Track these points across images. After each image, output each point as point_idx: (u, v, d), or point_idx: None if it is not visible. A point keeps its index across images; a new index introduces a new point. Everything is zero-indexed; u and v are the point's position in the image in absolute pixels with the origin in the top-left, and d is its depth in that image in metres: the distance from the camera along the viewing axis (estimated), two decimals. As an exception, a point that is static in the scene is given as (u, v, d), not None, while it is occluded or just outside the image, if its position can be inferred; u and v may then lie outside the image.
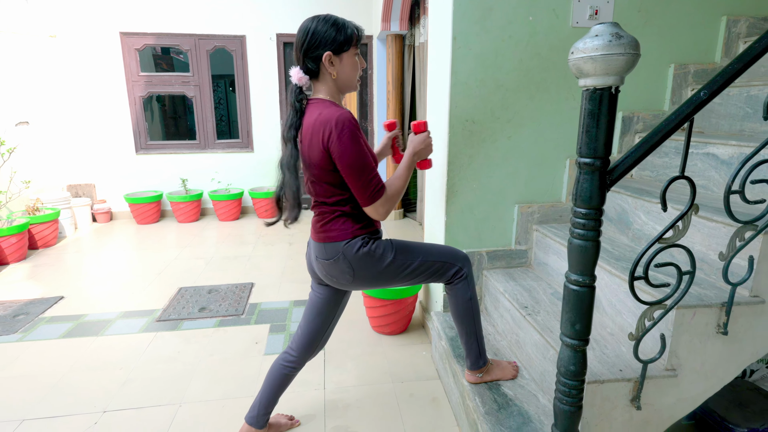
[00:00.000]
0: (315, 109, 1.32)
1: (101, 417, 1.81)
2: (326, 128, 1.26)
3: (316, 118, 1.29)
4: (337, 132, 1.25)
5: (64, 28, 4.50)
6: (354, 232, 1.38)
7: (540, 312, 1.68)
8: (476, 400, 1.53)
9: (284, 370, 1.61)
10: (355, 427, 1.75)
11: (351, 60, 1.37)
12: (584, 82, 0.97)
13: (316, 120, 1.29)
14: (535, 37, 1.90)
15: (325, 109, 1.30)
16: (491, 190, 2.04)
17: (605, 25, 0.92)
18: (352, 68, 1.38)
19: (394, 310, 2.34)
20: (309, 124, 1.31)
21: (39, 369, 2.13)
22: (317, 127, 1.28)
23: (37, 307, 2.78)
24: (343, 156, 1.26)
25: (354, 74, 1.40)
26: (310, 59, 1.33)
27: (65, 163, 4.76)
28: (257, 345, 2.35)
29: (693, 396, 1.34)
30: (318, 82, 1.37)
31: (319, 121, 1.28)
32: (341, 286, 1.48)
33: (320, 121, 1.28)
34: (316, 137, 1.28)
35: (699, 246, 1.44)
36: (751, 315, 1.29)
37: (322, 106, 1.32)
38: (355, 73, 1.40)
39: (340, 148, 1.25)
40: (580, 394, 1.14)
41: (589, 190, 1.01)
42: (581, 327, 1.08)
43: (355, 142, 1.27)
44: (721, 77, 0.99)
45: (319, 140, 1.28)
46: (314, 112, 1.32)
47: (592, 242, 1.03)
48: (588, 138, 0.99)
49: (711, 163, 1.68)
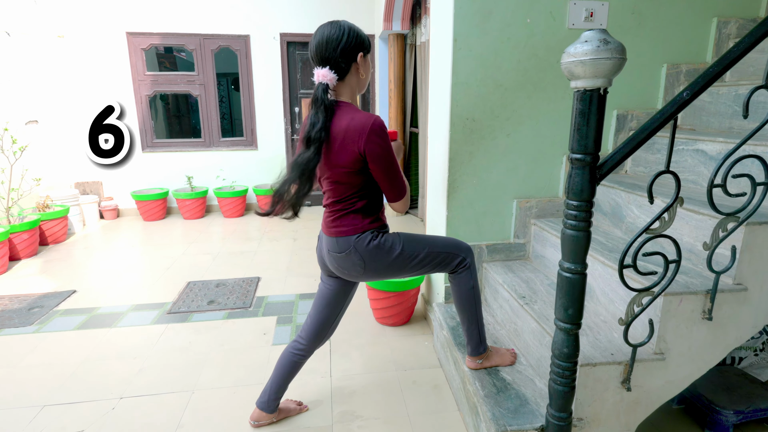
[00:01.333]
0: (345, 113, 1.35)
1: (119, 403, 1.90)
2: (362, 133, 1.31)
3: (349, 123, 1.33)
4: (374, 137, 1.32)
5: (71, 28, 4.58)
6: (364, 227, 1.46)
7: (537, 302, 1.76)
8: (476, 385, 1.61)
9: (294, 357, 1.69)
10: (361, 412, 1.83)
11: (369, 63, 1.47)
12: (575, 83, 1.05)
13: (349, 125, 1.33)
14: (532, 39, 1.98)
15: (356, 113, 1.35)
16: (491, 186, 2.12)
17: (594, 31, 1.00)
18: (369, 71, 1.48)
19: (397, 302, 2.42)
20: (341, 128, 1.34)
21: (56, 358, 2.22)
22: (352, 132, 1.32)
23: (50, 301, 2.87)
24: (382, 159, 1.35)
25: (369, 76, 1.50)
26: (345, 59, 1.37)
27: (73, 161, 4.84)
28: (265, 336, 2.43)
29: (680, 378, 1.42)
30: (341, 83, 1.41)
31: (353, 126, 1.32)
32: (352, 277, 1.56)
33: (354, 126, 1.32)
34: (350, 141, 1.33)
35: (687, 237, 1.52)
36: (734, 302, 1.37)
37: (352, 110, 1.36)
38: (369, 75, 1.50)
39: (378, 152, 1.33)
40: (573, 375, 1.22)
41: (580, 183, 1.09)
42: (573, 312, 1.17)
43: (390, 146, 1.37)
44: (703, 79, 1.07)
45: (354, 144, 1.32)
46: (345, 115, 1.35)
47: (584, 232, 1.11)
48: (579, 135, 1.07)
49: (700, 159, 1.76)
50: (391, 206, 1.49)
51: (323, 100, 1.33)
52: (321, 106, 1.33)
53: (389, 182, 1.41)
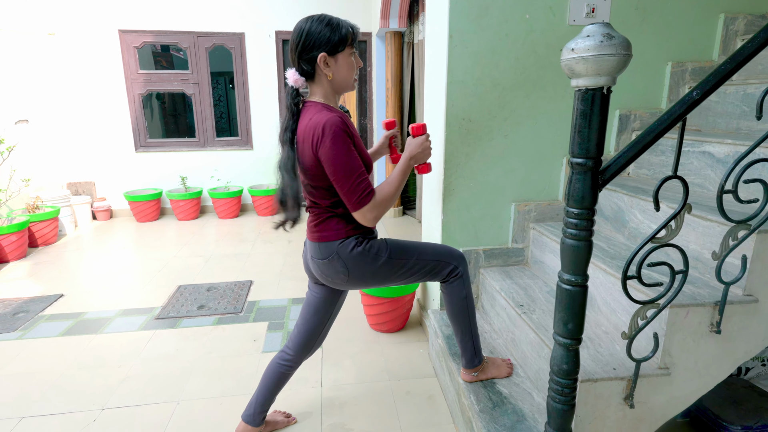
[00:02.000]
0: (307, 114, 1.32)
1: (100, 414, 1.82)
2: (315, 134, 1.26)
3: (306, 124, 1.30)
4: (323, 137, 1.25)
5: (62, 26, 4.50)
6: (347, 232, 1.39)
7: (535, 310, 1.68)
8: (471, 398, 1.54)
9: (281, 368, 1.62)
10: (352, 425, 1.76)
11: (347, 60, 1.35)
12: (576, 82, 0.97)
13: (306, 125, 1.29)
14: (531, 36, 1.90)
15: (316, 113, 1.30)
16: (488, 188, 2.05)
17: (597, 25, 0.92)
18: (348, 69, 1.36)
19: (391, 308, 2.35)
20: (301, 129, 1.31)
21: (38, 367, 2.15)
22: (307, 133, 1.29)
23: (36, 305, 2.79)
24: (329, 161, 1.26)
25: (350, 74, 1.38)
26: (305, 61, 1.32)
27: (65, 161, 4.77)
28: (255, 343, 2.36)
29: (686, 394, 1.35)
30: (314, 83, 1.37)
31: (309, 126, 1.28)
32: (336, 285, 1.48)
33: (310, 126, 1.28)
34: (306, 142, 1.29)
35: (693, 245, 1.45)
36: (744, 314, 1.29)
37: (314, 111, 1.31)
38: (351, 73, 1.38)
39: (325, 153, 1.26)
40: (573, 392, 1.15)
41: (581, 190, 1.01)
42: (574, 326, 1.09)
43: (340, 147, 1.25)
44: (714, 77, 0.99)
45: (309, 145, 1.28)
46: (306, 116, 1.32)
47: (585, 242, 1.03)
48: (580, 138, 0.99)
49: (707, 162, 1.68)
50: (353, 216, 1.34)
51: (288, 102, 1.35)
52: (288, 108, 1.35)
53: (341, 187, 1.29)
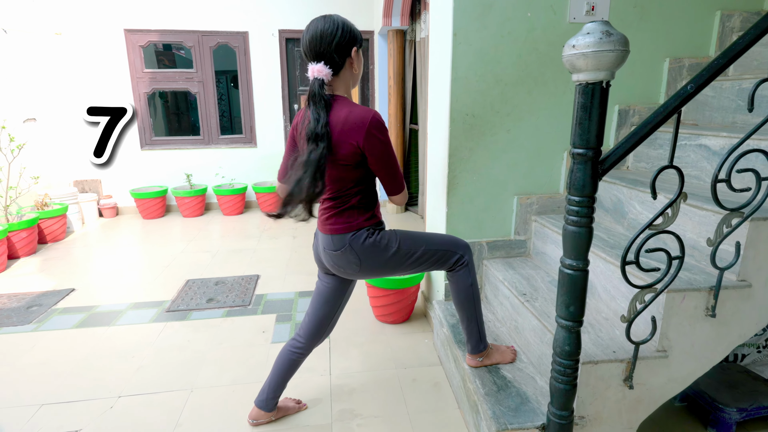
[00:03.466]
0: (342, 107, 1.34)
1: (117, 401, 1.89)
2: (361, 127, 1.30)
3: (347, 117, 1.31)
4: (373, 129, 1.31)
5: (69, 25, 4.55)
6: (360, 224, 1.44)
7: (538, 299, 1.74)
8: (476, 383, 1.60)
9: (292, 356, 1.68)
10: (360, 410, 1.82)
11: (362, 57, 1.46)
12: (577, 77, 1.03)
13: (347, 118, 1.31)
14: (533, 33, 1.95)
15: (354, 107, 1.33)
16: (491, 182, 2.10)
17: (596, 23, 0.97)
18: (362, 65, 1.47)
19: (397, 300, 2.41)
20: (338, 122, 1.32)
21: (55, 357, 2.21)
22: (350, 126, 1.31)
23: (49, 299, 2.85)
24: (380, 152, 1.34)
25: (362, 71, 1.49)
26: (339, 53, 1.35)
27: (72, 158, 4.82)
28: (264, 334, 2.42)
29: (683, 376, 1.41)
30: (336, 78, 1.38)
31: (351, 120, 1.31)
32: (348, 275, 1.54)
33: (353, 120, 1.30)
34: (348, 135, 1.31)
35: (690, 233, 1.50)
36: (738, 298, 1.35)
37: (349, 104, 1.35)
38: (362, 69, 1.49)
39: (378, 146, 1.33)
40: (575, 373, 1.21)
41: (582, 179, 1.07)
42: (575, 309, 1.15)
43: (388, 138, 1.36)
44: (708, 71, 1.05)
45: (353, 138, 1.31)
46: (342, 109, 1.33)
47: (585, 228, 1.09)
48: (581, 130, 1.05)
49: (703, 154, 1.74)
50: (390, 200, 1.48)
51: (321, 95, 1.31)
52: (320, 101, 1.31)
53: (390, 177, 1.41)
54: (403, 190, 1.46)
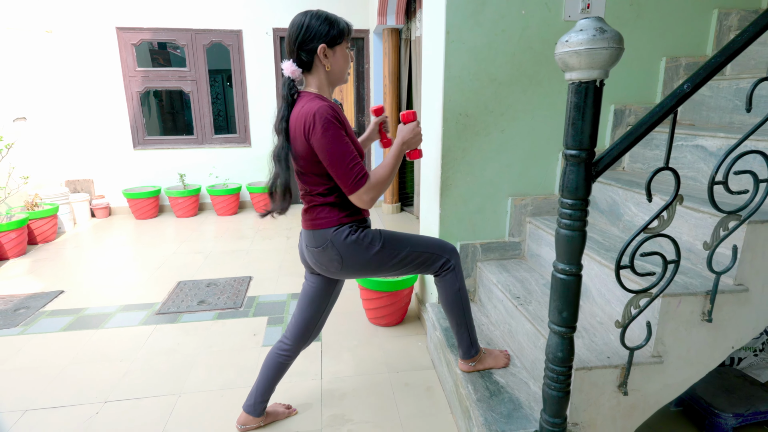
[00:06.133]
0: (300, 103, 1.37)
1: (102, 407, 1.84)
2: (306, 121, 1.31)
3: (299, 111, 1.34)
4: (315, 124, 1.29)
5: (60, 23, 4.49)
6: (340, 220, 1.42)
7: (532, 302, 1.71)
8: (469, 388, 1.56)
9: (279, 358, 1.64)
10: (351, 415, 1.78)
11: (343, 53, 1.42)
12: (570, 75, 0.99)
13: (298, 113, 1.34)
14: (527, 31, 1.92)
15: (308, 102, 1.34)
16: (485, 183, 2.07)
17: (590, 19, 0.94)
18: (344, 61, 1.43)
19: (390, 302, 2.37)
20: (294, 118, 1.36)
21: (41, 361, 2.17)
22: (299, 120, 1.33)
23: (37, 301, 2.81)
24: (322, 147, 1.31)
25: (345, 67, 1.45)
26: (304, 51, 1.36)
27: (63, 158, 4.77)
28: (255, 337, 2.38)
29: (679, 382, 1.38)
30: (310, 75, 1.41)
31: (301, 114, 1.33)
32: (331, 274, 1.51)
33: (302, 114, 1.32)
34: (298, 130, 1.33)
35: (686, 236, 1.47)
36: (735, 303, 1.32)
37: (307, 99, 1.36)
38: (346, 65, 1.45)
39: (317, 139, 1.30)
40: (568, 379, 1.17)
41: (575, 181, 1.04)
42: (568, 315, 1.11)
43: (332, 133, 1.29)
44: (704, 70, 1.01)
45: (301, 133, 1.32)
46: (298, 105, 1.36)
47: (579, 232, 1.06)
48: (574, 130, 1.01)
49: (700, 155, 1.71)
50: (350, 199, 1.38)
51: (284, 93, 1.38)
52: (283, 98, 1.38)
53: (336, 171, 1.33)
54: (359, 189, 1.33)
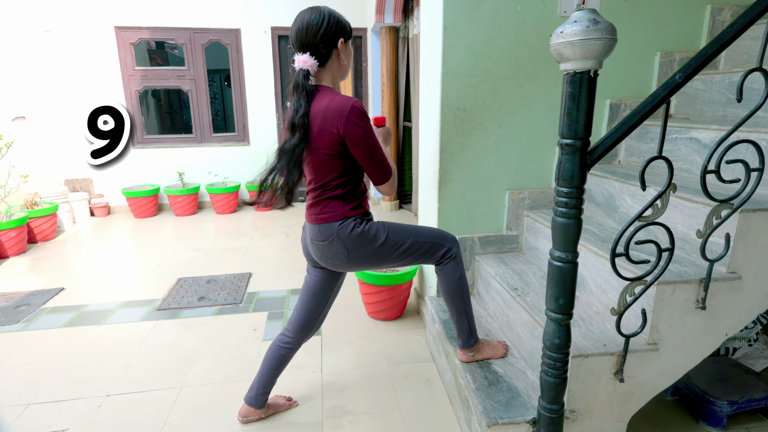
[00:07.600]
0: (324, 96, 1.35)
1: (105, 401, 1.86)
2: (341, 115, 1.30)
3: (327, 105, 1.32)
4: (353, 117, 1.30)
5: (58, 22, 4.49)
6: (345, 213, 1.44)
7: (529, 293, 1.73)
8: (468, 378, 1.59)
9: (281, 351, 1.66)
10: (352, 407, 1.80)
11: (351, 49, 1.46)
12: (565, 66, 1.02)
13: (327, 107, 1.32)
14: (523, 27, 1.94)
15: (335, 96, 1.34)
16: (483, 177, 2.09)
17: (583, 11, 0.96)
18: (351, 57, 1.47)
19: (389, 296, 2.39)
20: (319, 111, 1.33)
21: (43, 356, 2.18)
22: (330, 114, 1.31)
23: (38, 299, 2.82)
24: (361, 140, 1.33)
25: (351, 62, 1.49)
26: (325, 44, 1.36)
27: (62, 157, 4.77)
28: (256, 331, 2.40)
29: (674, 369, 1.40)
30: (323, 69, 1.40)
31: (331, 108, 1.31)
32: (336, 267, 1.53)
33: (333, 108, 1.31)
34: (329, 124, 1.32)
35: (680, 226, 1.50)
36: (728, 290, 1.35)
37: (331, 93, 1.35)
38: (351, 61, 1.48)
39: (358, 133, 1.32)
40: (565, 366, 1.20)
41: (570, 170, 1.07)
42: (564, 301, 1.14)
43: (370, 128, 1.36)
44: (696, 61, 1.04)
45: (334, 127, 1.31)
46: (323, 98, 1.34)
47: (574, 219, 1.08)
48: (569, 120, 1.04)
49: (694, 147, 1.73)
50: (378, 189, 1.46)
51: (304, 85, 1.33)
52: (302, 91, 1.34)
53: (372, 165, 1.40)
54: (389, 179, 1.44)
